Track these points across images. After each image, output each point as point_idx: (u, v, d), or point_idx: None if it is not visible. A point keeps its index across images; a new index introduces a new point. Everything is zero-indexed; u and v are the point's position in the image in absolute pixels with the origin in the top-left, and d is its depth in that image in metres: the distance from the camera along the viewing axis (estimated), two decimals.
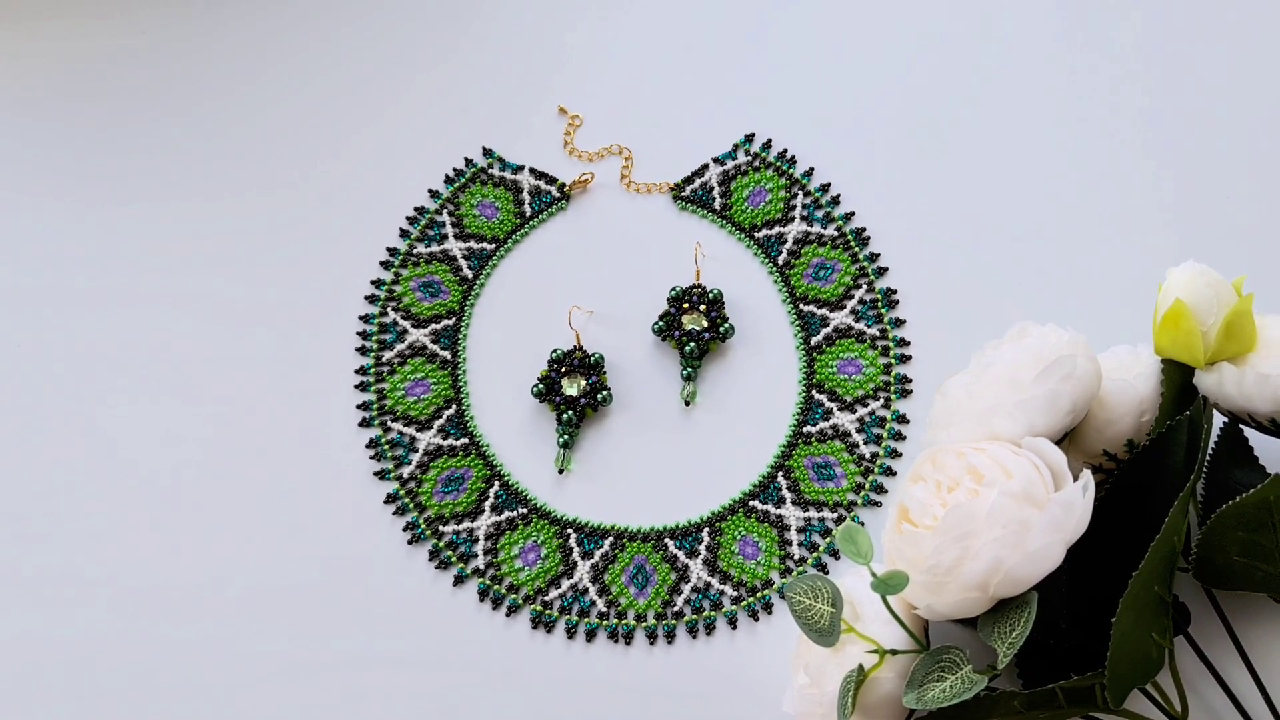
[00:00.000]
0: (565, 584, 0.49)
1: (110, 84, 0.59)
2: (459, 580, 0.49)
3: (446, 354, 0.53)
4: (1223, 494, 0.44)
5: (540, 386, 0.51)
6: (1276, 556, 0.40)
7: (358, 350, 0.53)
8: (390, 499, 0.51)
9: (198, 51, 0.60)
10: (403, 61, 0.59)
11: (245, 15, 0.60)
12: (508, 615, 0.49)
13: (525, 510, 0.51)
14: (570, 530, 0.50)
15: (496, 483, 0.51)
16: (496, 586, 0.49)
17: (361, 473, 0.51)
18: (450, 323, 0.54)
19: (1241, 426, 0.45)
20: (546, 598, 0.49)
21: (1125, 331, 0.46)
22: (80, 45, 0.60)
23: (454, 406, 0.52)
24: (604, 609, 0.49)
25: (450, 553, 0.50)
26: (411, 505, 0.50)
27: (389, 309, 0.54)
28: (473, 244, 0.55)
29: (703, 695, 0.47)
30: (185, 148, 0.58)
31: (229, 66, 0.59)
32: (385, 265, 0.54)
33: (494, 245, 0.55)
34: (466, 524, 0.50)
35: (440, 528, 0.50)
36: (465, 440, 0.51)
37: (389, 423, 0.52)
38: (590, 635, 0.49)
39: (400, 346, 0.53)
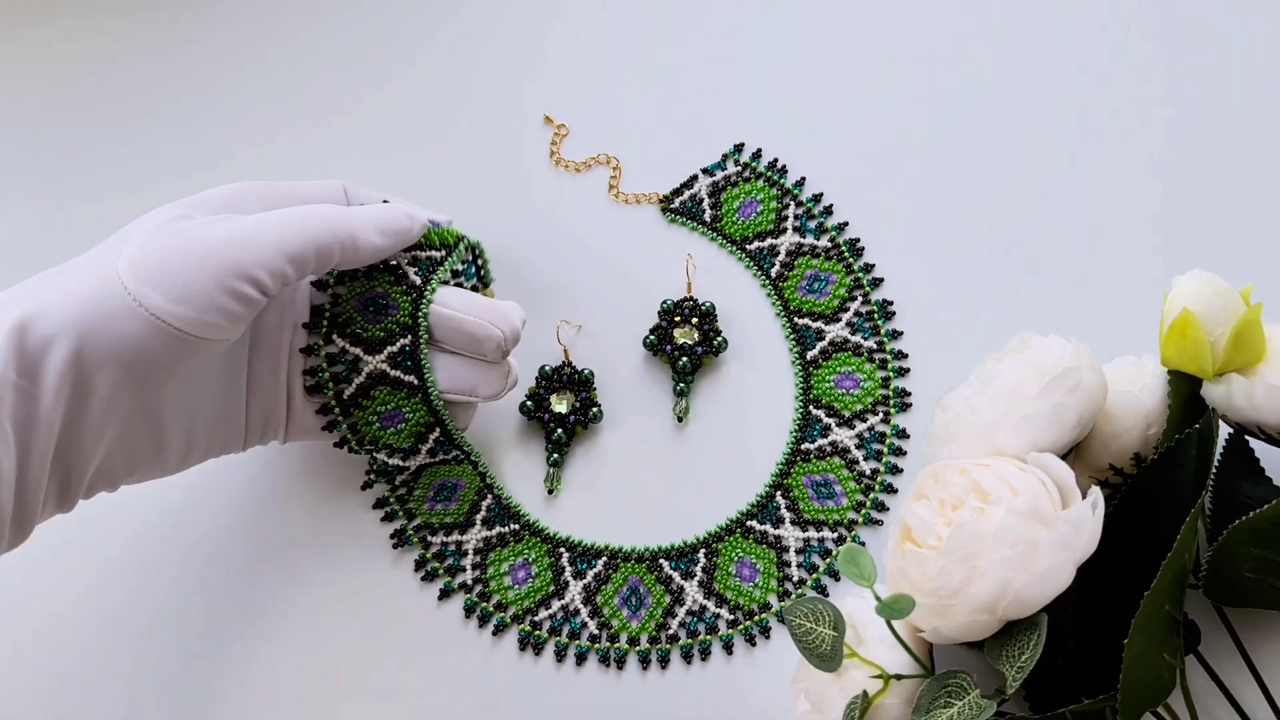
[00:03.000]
0: (556, 604, 0.48)
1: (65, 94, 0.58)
2: (445, 594, 0.48)
3: (412, 378, 0.46)
4: (1229, 508, 0.43)
5: (529, 404, 0.50)
6: None
7: (308, 389, 0.47)
8: (379, 504, 0.49)
9: (168, 56, 0.58)
10: (383, 70, 0.58)
11: (219, 20, 0.59)
12: (495, 635, 0.48)
13: (517, 526, 0.49)
14: (563, 549, 0.49)
15: (489, 495, 0.49)
16: (484, 604, 0.48)
17: (349, 482, 0.50)
18: (406, 341, 0.46)
19: (1247, 438, 0.44)
20: (536, 618, 0.48)
21: (1127, 342, 0.45)
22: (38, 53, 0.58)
23: (437, 430, 0.48)
24: (595, 631, 0.47)
25: (437, 564, 0.48)
26: (400, 512, 0.49)
27: (333, 337, 0.46)
28: (417, 253, 0.47)
29: None
30: (150, 152, 0.56)
31: (200, 72, 0.58)
32: (320, 286, 0.47)
33: (444, 251, 0.48)
34: (456, 536, 0.49)
35: (429, 537, 0.49)
36: (456, 453, 0.49)
37: (374, 452, 0.47)
38: (580, 659, 0.47)
39: (358, 379, 0.46)
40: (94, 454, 0.40)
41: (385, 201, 0.47)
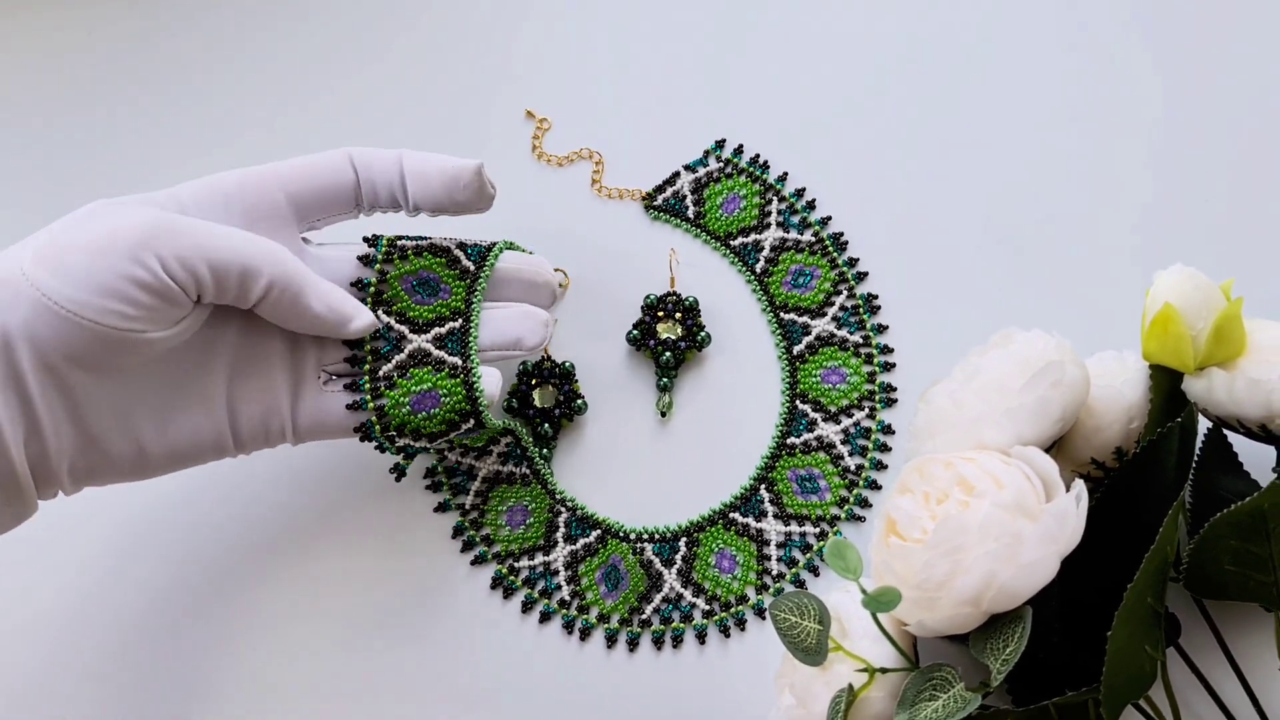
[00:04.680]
0: (539, 558, 0.48)
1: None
2: (442, 509, 0.49)
3: (456, 359, 0.45)
4: (1208, 501, 0.43)
5: (513, 401, 0.50)
6: (1269, 565, 0.40)
7: (347, 360, 0.45)
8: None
9: (147, 45, 0.57)
10: (365, 62, 0.57)
11: (198, 11, 0.58)
12: (473, 564, 0.48)
13: (528, 472, 0.49)
14: (563, 509, 0.49)
15: (511, 437, 0.50)
16: (473, 532, 0.48)
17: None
18: (456, 325, 0.46)
19: (1225, 433, 0.44)
20: (516, 563, 0.48)
21: (1109, 337, 0.46)
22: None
23: (471, 421, 0.45)
24: (567, 597, 0.48)
25: (445, 479, 0.49)
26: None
27: (378, 312, 0.45)
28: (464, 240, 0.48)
29: (659, 715, 0.46)
30: (128, 142, 0.55)
31: (178, 65, 0.57)
32: (366, 261, 0.46)
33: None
34: (470, 460, 0.49)
35: (447, 452, 0.49)
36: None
37: (396, 440, 0.45)
38: (545, 617, 0.48)
39: (399, 356, 0.45)
40: (12, 442, 0.38)
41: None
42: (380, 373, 0.44)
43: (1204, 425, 0.45)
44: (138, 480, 0.42)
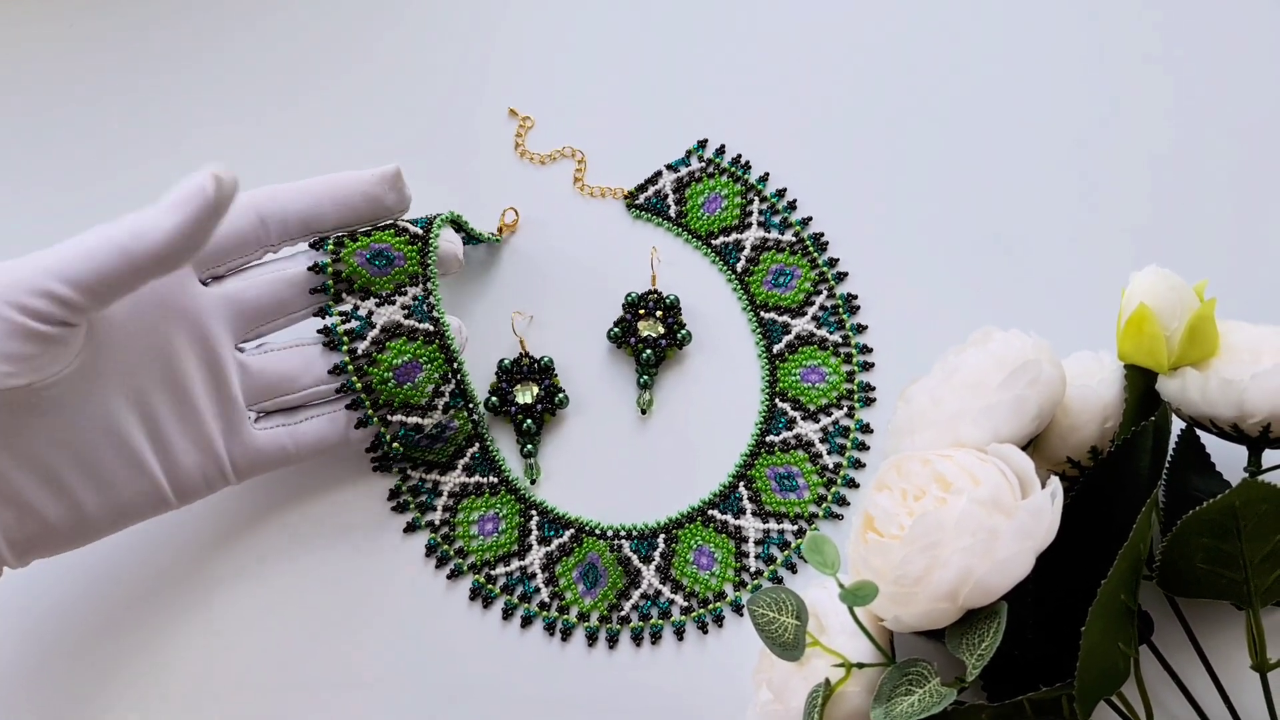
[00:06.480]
0: (515, 564, 0.48)
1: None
2: (411, 528, 0.48)
3: (427, 325, 0.47)
4: (1181, 500, 0.44)
5: (493, 399, 0.50)
6: (1239, 563, 0.40)
7: (326, 345, 0.46)
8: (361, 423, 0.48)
9: (130, 43, 0.57)
10: (348, 59, 0.57)
11: (180, 7, 0.58)
12: (450, 579, 0.48)
13: (496, 480, 0.49)
14: (534, 512, 0.49)
15: (477, 444, 0.49)
16: (446, 546, 0.48)
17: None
18: (418, 290, 0.47)
19: (1198, 433, 0.45)
20: (493, 572, 0.48)
21: (1086, 337, 0.46)
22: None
23: (453, 381, 0.47)
24: (546, 599, 0.48)
25: (410, 497, 0.49)
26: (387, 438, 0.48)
27: (342, 294, 0.46)
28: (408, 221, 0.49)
29: (639, 710, 0.46)
30: (110, 139, 0.55)
31: (160, 61, 0.57)
32: (317, 246, 0.47)
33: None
34: (435, 475, 0.49)
35: (409, 470, 0.49)
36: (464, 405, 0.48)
37: (389, 416, 0.46)
38: (526, 622, 0.47)
39: (372, 333, 0.46)
40: None
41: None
42: (359, 350, 0.45)
43: (1177, 425, 0.45)
44: (84, 545, 0.42)
